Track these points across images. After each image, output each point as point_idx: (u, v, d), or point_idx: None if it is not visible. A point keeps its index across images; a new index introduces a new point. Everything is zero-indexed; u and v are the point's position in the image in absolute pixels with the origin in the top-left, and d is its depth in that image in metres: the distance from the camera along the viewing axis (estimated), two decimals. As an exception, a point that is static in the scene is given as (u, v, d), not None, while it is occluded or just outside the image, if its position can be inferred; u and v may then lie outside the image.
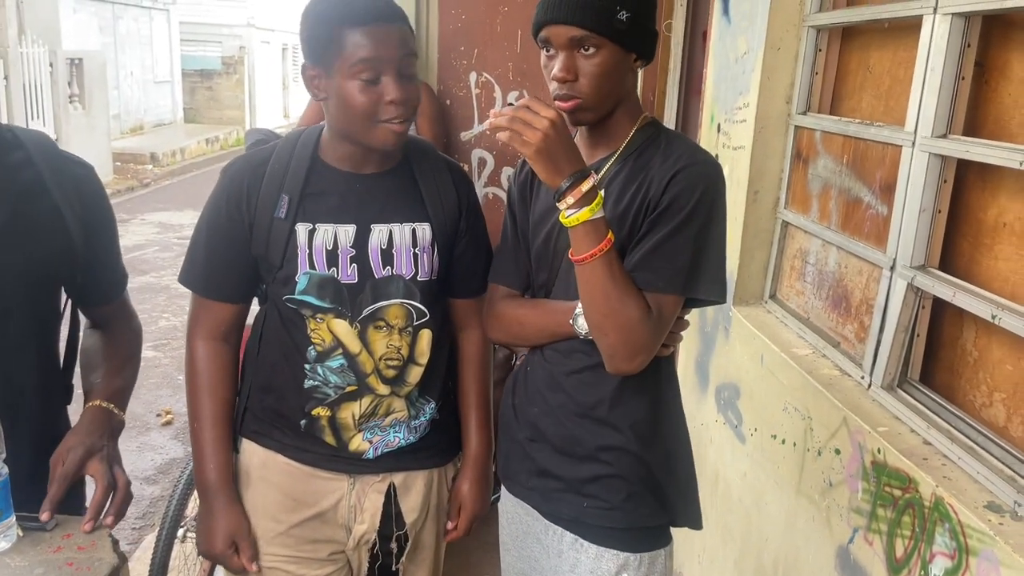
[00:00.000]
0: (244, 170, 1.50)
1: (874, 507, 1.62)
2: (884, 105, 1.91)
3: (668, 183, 1.32)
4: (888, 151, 1.81)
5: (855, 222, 1.96)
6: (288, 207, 1.45)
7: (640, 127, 1.43)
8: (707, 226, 1.33)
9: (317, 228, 1.46)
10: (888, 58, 1.91)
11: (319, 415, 1.52)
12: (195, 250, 1.52)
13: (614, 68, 1.35)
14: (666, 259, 1.32)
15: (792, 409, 1.99)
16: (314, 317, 1.47)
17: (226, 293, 1.53)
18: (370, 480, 1.56)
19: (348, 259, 1.46)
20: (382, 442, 1.54)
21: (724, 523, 2.44)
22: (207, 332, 1.53)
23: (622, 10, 1.32)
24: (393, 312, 1.49)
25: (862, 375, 1.83)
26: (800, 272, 2.26)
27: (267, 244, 1.46)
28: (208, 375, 1.53)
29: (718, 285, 1.37)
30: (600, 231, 1.28)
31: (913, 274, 1.65)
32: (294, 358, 1.51)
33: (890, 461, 1.57)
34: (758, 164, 2.32)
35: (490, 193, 4.06)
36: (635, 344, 1.32)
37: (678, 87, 3.47)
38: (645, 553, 1.46)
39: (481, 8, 3.82)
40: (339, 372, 1.50)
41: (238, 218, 1.47)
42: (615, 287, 1.29)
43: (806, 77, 2.20)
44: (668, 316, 1.35)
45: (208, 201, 1.51)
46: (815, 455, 1.87)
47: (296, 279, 1.46)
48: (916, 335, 1.71)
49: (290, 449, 1.55)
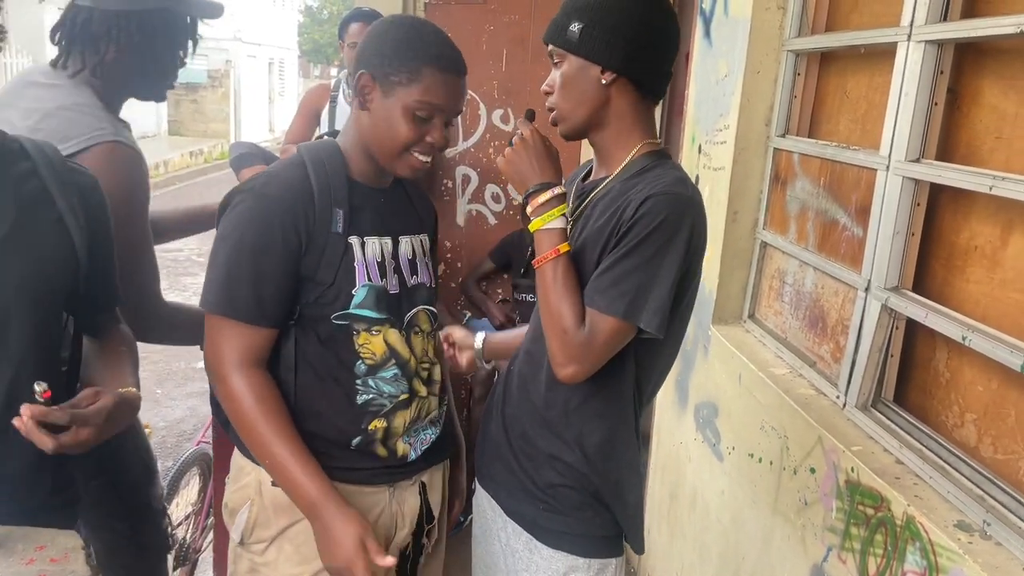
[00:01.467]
0: (291, 190, 1.42)
1: (848, 526, 1.63)
2: (861, 129, 1.95)
3: (638, 207, 1.34)
4: (864, 174, 1.85)
5: (831, 243, 1.99)
6: (344, 221, 1.45)
7: (643, 153, 1.46)
8: (659, 255, 1.33)
9: (367, 241, 1.48)
10: (864, 83, 1.95)
11: (376, 428, 1.50)
12: (235, 277, 1.40)
13: (573, 78, 1.43)
14: (613, 281, 1.34)
15: (769, 428, 2.00)
16: (369, 330, 1.47)
17: (268, 319, 1.42)
18: (404, 484, 1.58)
19: (392, 270, 1.51)
20: (418, 442, 1.57)
21: (702, 541, 2.45)
22: (246, 361, 1.41)
23: (575, 22, 1.41)
24: (423, 317, 1.56)
25: (837, 395, 1.85)
26: (778, 292, 2.28)
27: (319, 262, 1.42)
28: (263, 401, 1.40)
29: (657, 317, 1.34)
30: (552, 240, 1.39)
31: (887, 295, 1.68)
32: (342, 376, 1.47)
33: (863, 480, 1.58)
34: (738, 185, 2.35)
35: (474, 210, 4.08)
36: (567, 353, 1.36)
37: (661, 108, 3.51)
38: (595, 559, 1.51)
39: (467, 27, 3.86)
40: (393, 381, 1.51)
41: (294, 239, 1.40)
42: (554, 292, 1.37)
43: (785, 100, 2.23)
44: (603, 336, 1.34)
45: (247, 223, 1.40)
46: (791, 474, 1.88)
47: (353, 293, 1.45)
48: (890, 355, 1.73)
49: (336, 471, 1.46)
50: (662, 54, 1.45)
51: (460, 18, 3.85)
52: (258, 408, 1.40)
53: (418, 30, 1.43)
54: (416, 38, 1.41)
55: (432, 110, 1.41)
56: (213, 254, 1.44)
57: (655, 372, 1.52)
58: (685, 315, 1.49)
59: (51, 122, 1.65)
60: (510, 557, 1.57)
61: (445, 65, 1.40)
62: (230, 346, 1.41)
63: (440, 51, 1.41)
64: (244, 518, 1.53)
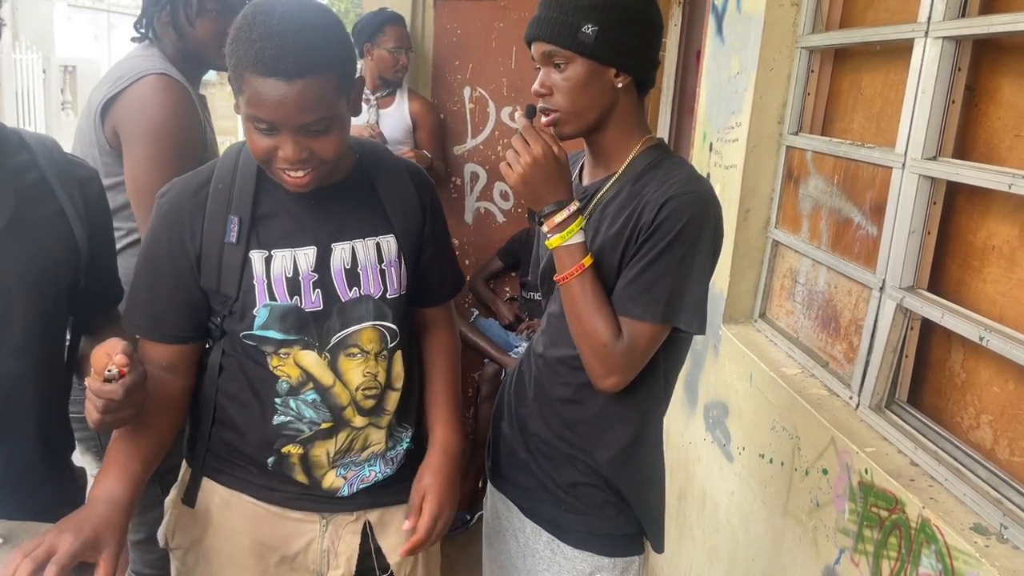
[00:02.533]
0: (182, 196, 1.33)
1: (861, 528, 1.61)
2: (875, 127, 1.92)
3: (658, 210, 1.32)
4: (879, 172, 1.82)
5: (845, 242, 1.97)
6: (239, 230, 1.30)
7: (643, 149, 1.43)
8: (689, 256, 1.32)
9: (274, 255, 1.32)
10: (880, 80, 1.92)
11: (289, 452, 1.39)
12: (136, 291, 1.37)
13: (585, 82, 1.37)
14: (645, 287, 1.33)
15: (780, 428, 1.98)
16: (277, 353, 1.34)
17: (174, 335, 1.36)
18: (344, 520, 1.45)
19: (311, 284, 1.33)
20: (356, 477, 1.43)
21: (711, 543, 2.43)
22: (150, 364, 1.30)
23: (587, 24, 1.34)
24: (366, 336, 1.38)
25: (850, 395, 1.83)
26: (790, 292, 2.26)
27: (219, 275, 1.31)
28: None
29: (698, 317, 1.35)
30: (574, 256, 1.35)
31: (902, 295, 1.65)
32: (262, 391, 1.37)
33: (877, 482, 1.56)
34: (749, 183, 2.33)
35: (482, 207, 4.06)
36: (606, 365, 1.35)
37: (671, 106, 3.49)
38: (620, 558, 1.50)
39: (477, 24, 3.84)
40: (313, 407, 1.38)
41: (180, 252, 1.32)
42: (585, 308, 1.34)
43: (798, 98, 2.21)
44: (643, 344, 1.35)
45: (146, 235, 1.36)
46: (803, 475, 1.86)
47: (255, 313, 1.32)
48: (904, 356, 1.71)
49: (254, 487, 1.41)
50: (657, 46, 1.44)
51: (469, 15, 3.84)
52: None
53: (249, 23, 1.18)
54: (241, 36, 1.18)
55: (264, 123, 1.19)
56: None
57: (675, 371, 1.52)
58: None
59: (113, 73, 1.90)
60: (530, 558, 1.54)
61: (265, 68, 1.15)
62: (142, 354, 1.34)
63: (261, 50, 1.15)
64: (167, 520, 1.50)
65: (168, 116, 1.80)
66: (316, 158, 1.24)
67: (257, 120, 1.20)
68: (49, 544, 1.11)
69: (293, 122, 1.18)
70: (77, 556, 1.12)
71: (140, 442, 1.28)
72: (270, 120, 1.19)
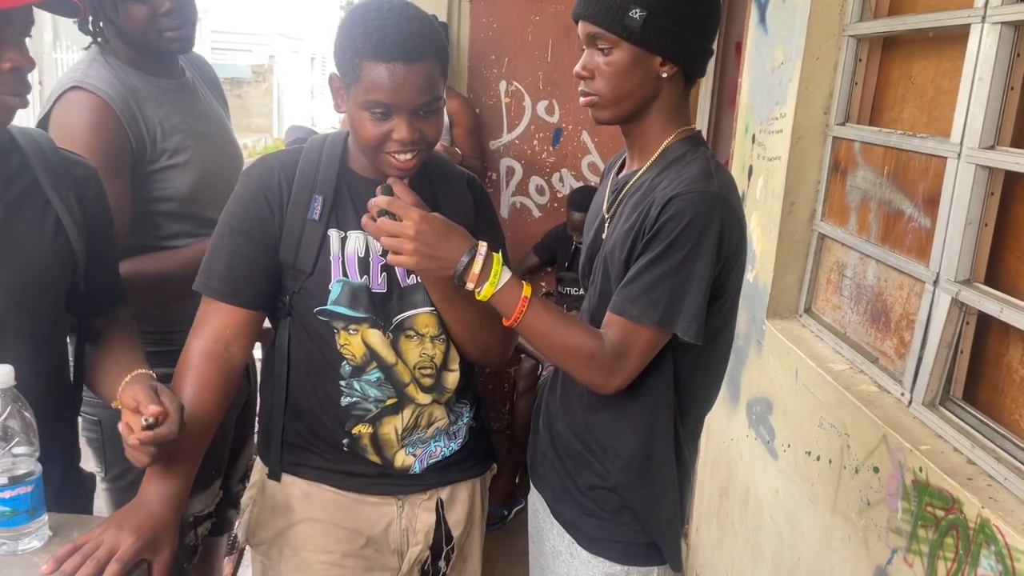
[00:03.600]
0: (273, 169, 1.41)
1: (915, 527, 1.57)
2: (927, 116, 1.87)
3: (661, 209, 1.26)
4: (932, 163, 1.77)
5: (896, 235, 1.92)
6: (322, 209, 1.39)
7: (675, 141, 1.37)
8: (691, 259, 1.25)
9: (349, 236, 1.41)
10: (932, 68, 1.87)
11: (360, 433, 1.45)
12: (215, 254, 1.40)
13: (628, 69, 1.31)
14: (645, 289, 1.27)
15: (828, 425, 1.94)
16: (347, 329, 1.40)
17: (241, 297, 1.38)
18: (418, 499, 1.52)
19: (379, 267, 1.42)
20: (425, 454, 1.50)
21: (754, 540, 2.39)
22: (209, 333, 1.37)
23: (635, 8, 1.27)
24: (422, 321, 1.44)
25: (902, 392, 1.78)
26: (836, 285, 2.21)
27: (297, 249, 1.38)
28: (197, 373, 1.34)
29: (694, 325, 1.26)
30: (513, 294, 1.28)
31: (958, 289, 1.61)
32: (327, 375, 1.43)
33: (932, 480, 1.52)
34: (794, 175, 2.28)
35: (518, 202, 4.05)
36: (601, 372, 1.30)
37: (711, 98, 3.44)
38: (635, 567, 1.44)
39: (512, 17, 3.82)
40: (377, 385, 1.43)
41: (269, 218, 1.38)
42: (555, 333, 1.30)
43: (845, 87, 2.16)
44: (639, 345, 1.29)
45: (231, 202, 1.41)
46: (852, 472, 1.82)
47: (329, 288, 1.39)
48: (960, 351, 1.66)
49: (333, 475, 1.47)
50: (711, 36, 1.36)
51: (505, 8, 3.82)
52: (177, 378, 1.34)
53: (361, 19, 1.28)
54: (356, 31, 1.28)
55: (382, 107, 1.27)
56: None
57: (698, 380, 1.43)
58: (730, 317, 1.42)
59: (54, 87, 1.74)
60: (555, 559, 1.52)
61: (385, 54, 1.25)
62: (200, 318, 1.39)
63: (380, 39, 1.25)
64: (246, 518, 1.53)
65: (84, 138, 1.64)
66: (423, 140, 1.32)
67: (376, 104, 1.27)
68: (110, 544, 1.13)
69: (412, 102, 1.28)
70: (137, 556, 1.14)
71: (194, 437, 1.29)
72: (391, 102, 1.27)
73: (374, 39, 1.25)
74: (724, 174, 1.34)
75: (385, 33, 1.25)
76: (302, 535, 1.48)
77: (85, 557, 1.10)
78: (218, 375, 1.36)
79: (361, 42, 1.26)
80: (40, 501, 1.16)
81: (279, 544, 1.50)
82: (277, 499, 1.49)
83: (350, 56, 1.28)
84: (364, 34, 1.26)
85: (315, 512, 1.48)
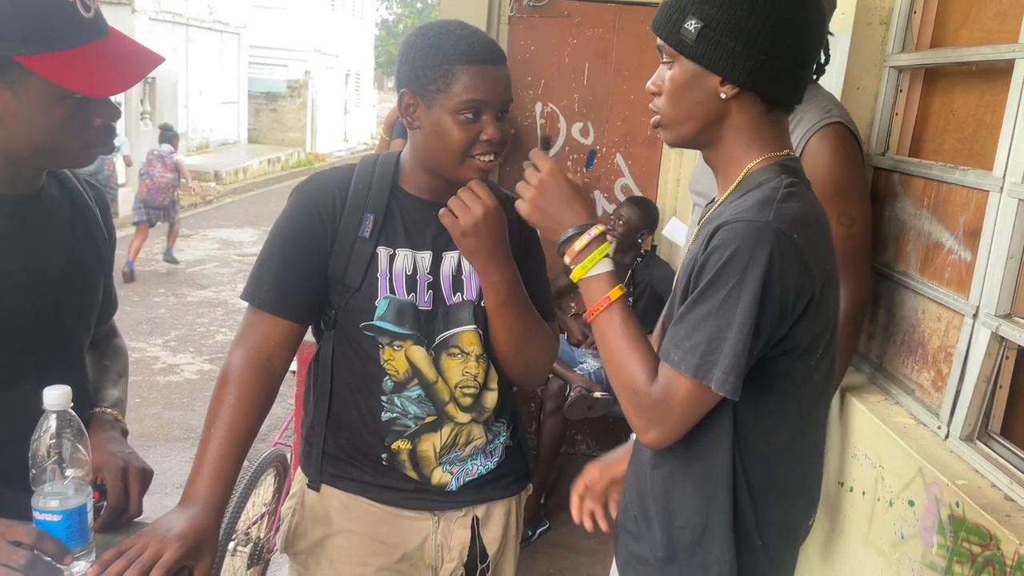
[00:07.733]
0: (329, 185, 1.45)
1: (950, 563, 1.55)
2: (968, 149, 1.87)
3: (709, 238, 1.12)
4: (974, 195, 1.77)
5: (935, 267, 1.91)
6: (373, 228, 1.42)
7: (757, 167, 1.19)
8: (733, 298, 1.08)
9: (397, 253, 1.44)
10: (974, 101, 1.87)
11: (399, 448, 1.47)
12: (265, 266, 1.42)
13: (685, 86, 1.17)
14: (687, 331, 1.12)
15: (863, 456, 1.93)
16: (391, 344, 1.43)
17: (289, 309, 1.41)
18: (454, 516, 1.53)
19: (425, 285, 1.45)
20: (461, 471, 1.52)
21: (783, 570, 2.37)
22: (253, 344, 1.40)
23: (691, 18, 1.14)
24: (466, 339, 1.47)
25: (939, 425, 1.77)
26: (872, 316, 2.20)
27: (346, 265, 1.42)
28: (240, 383, 1.36)
29: (732, 377, 1.08)
30: (600, 287, 1.20)
31: (998, 323, 1.60)
32: (370, 389, 1.46)
33: (969, 516, 1.51)
34: (831, 204, 2.27)
35: (550, 223, 4.06)
36: (642, 416, 1.15)
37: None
38: None
39: (550, 40, 3.86)
40: (417, 402, 1.46)
41: (321, 233, 1.41)
42: (617, 348, 1.18)
43: (885, 118, 2.16)
44: (680, 396, 1.12)
45: (284, 216, 1.45)
46: (886, 505, 1.80)
47: (376, 304, 1.42)
48: (999, 386, 1.65)
49: (371, 488, 1.49)
50: (802, 56, 1.17)
51: (543, 31, 3.86)
52: (228, 386, 1.36)
53: (443, 32, 1.37)
54: (442, 41, 1.35)
55: (477, 107, 1.34)
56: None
57: (773, 445, 1.22)
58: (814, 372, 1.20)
59: None
60: None
61: (477, 57, 1.34)
62: (244, 328, 1.42)
63: (469, 45, 1.35)
64: (285, 527, 1.56)
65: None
66: (505, 141, 1.39)
67: (471, 105, 1.33)
68: (155, 550, 1.14)
69: (501, 99, 1.36)
70: (180, 563, 1.16)
71: (235, 445, 1.32)
72: (485, 100, 1.34)
73: (463, 46, 1.34)
74: (792, 206, 1.13)
75: (472, 40, 1.36)
76: (339, 547, 1.50)
77: (130, 561, 1.11)
78: (260, 386, 1.39)
79: (450, 50, 1.34)
80: (87, 528, 1.13)
81: (316, 554, 1.52)
82: (316, 510, 1.52)
83: (439, 63, 1.34)
84: (451, 43, 1.35)
85: (352, 524, 1.50)
